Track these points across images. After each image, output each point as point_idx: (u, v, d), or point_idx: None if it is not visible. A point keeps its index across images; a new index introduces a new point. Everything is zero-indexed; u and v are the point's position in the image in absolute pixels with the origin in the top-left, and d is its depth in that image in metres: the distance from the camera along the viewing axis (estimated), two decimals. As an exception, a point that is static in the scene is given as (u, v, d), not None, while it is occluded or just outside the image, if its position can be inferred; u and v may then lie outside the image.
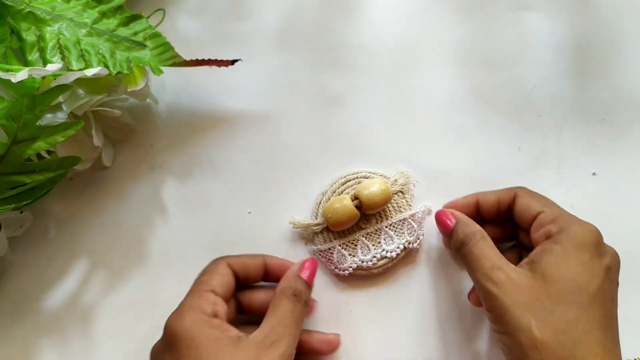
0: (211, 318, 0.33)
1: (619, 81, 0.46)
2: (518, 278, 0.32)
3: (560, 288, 0.31)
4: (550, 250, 0.33)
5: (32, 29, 0.39)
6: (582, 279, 0.31)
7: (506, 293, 0.32)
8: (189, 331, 0.32)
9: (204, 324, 0.32)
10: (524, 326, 0.31)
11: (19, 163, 0.37)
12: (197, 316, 0.33)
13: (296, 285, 0.36)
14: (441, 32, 0.48)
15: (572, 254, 0.32)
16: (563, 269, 0.32)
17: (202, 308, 0.33)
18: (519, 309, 0.31)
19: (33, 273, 0.44)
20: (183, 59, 0.40)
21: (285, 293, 0.35)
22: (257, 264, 0.38)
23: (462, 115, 0.46)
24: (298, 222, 0.43)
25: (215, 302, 0.34)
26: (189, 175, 0.46)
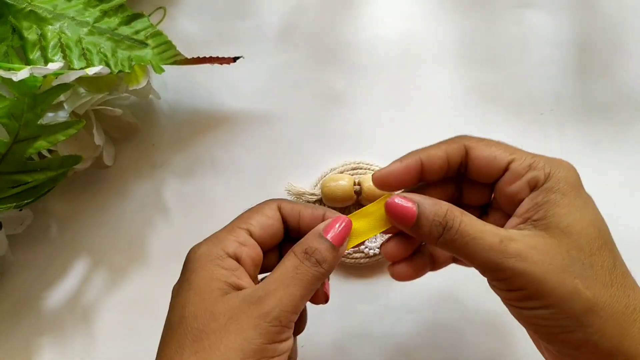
0: (227, 257, 0.29)
1: (621, 79, 0.46)
2: (537, 242, 0.27)
3: (587, 237, 0.27)
4: (553, 201, 0.28)
5: (34, 28, 0.39)
6: (597, 220, 0.28)
7: (535, 263, 0.26)
8: (197, 261, 0.29)
9: (215, 259, 0.29)
10: (570, 291, 0.26)
11: (20, 162, 0.37)
12: (213, 250, 0.29)
13: (311, 243, 0.29)
14: (443, 30, 0.48)
15: (576, 198, 0.28)
16: (578, 216, 0.28)
17: (224, 244, 0.29)
18: (557, 274, 0.26)
19: (34, 272, 0.44)
20: (184, 57, 0.40)
21: (295, 249, 0.29)
22: (314, 215, 0.31)
23: (463, 113, 0.46)
24: (293, 187, 0.43)
25: (245, 242, 0.30)
26: (191, 174, 0.46)
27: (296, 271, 0.28)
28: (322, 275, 0.29)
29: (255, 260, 0.30)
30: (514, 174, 0.29)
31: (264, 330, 0.26)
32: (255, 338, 0.26)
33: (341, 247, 0.30)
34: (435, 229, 0.28)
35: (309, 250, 0.29)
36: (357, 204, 0.43)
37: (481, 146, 0.30)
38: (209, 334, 0.26)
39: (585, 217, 0.28)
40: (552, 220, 0.28)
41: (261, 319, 0.27)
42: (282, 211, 0.31)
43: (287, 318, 0.27)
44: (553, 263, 0.27)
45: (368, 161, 0.44)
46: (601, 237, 0.28)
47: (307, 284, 0.28)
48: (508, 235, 0.27)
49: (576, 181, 0.29)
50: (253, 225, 0.30)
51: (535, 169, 0.29)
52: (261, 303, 0.27)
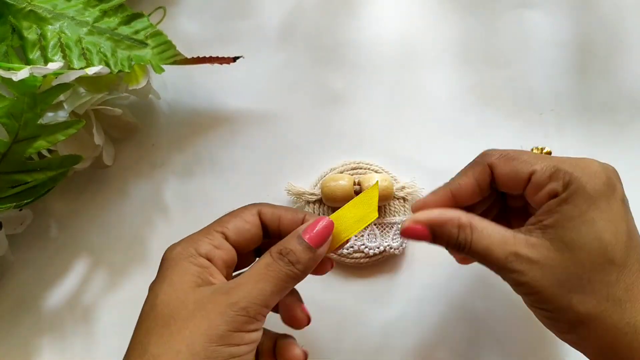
0: (199, 256, 0.30)
1: (621, 79, 0.46)
2: (539, 255, 0.29)
3: (590, 253, 0.28)
4: (563, 212, 0.29)
5: (34, 28, 0.39)
6: (608, 234, 0.28)
7: (535, 278, 0.28)
8: (171, 259, 0.30)
9: (188, 257, 0.30)
10: (564, 304, 0.28)
11: (20, 162, 0.37)
12: (186, 249, 0.30)
13: (287, 245, 0.30)
14: (443, 30, 0.47)
15: (588, 211, 0.29)
16: (584, 232, 0.28)
17: (197, 244, 0.31)
18: (553, 288, 0.28)
19: (34, 272, 0.44)
20: (184, 57, 0.40)
21: (271, 250, 0.30)
22: (294, 219, 0.33)
23: (463, 113, 0.46)
24: (293, 187, 0.43)
25: (220, 245, 0.31)
26: (191, 173, 0.46)
27: (268, 268, 0.29)
28: (295, 275, 0.30)
29: (228, 262, 0.31)
30: (535, 185, 0.31)
31: (230, 318, 0.27)
32: (221, 325, 0.27)
33: (320, 248, 0.31)
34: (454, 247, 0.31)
35: (283, 251, 0.30)
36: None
37: (502, 162, 0.32)
38: (177, 320, 0.28)
39: (593, 231, 0.28)
40: (558, 232, 0.29)
41: (228, 307, 0.28)
42: (262, 216, 0.33)
43: (254, 310, 0.28)
44: (551, 279, 0.28)
45: (368, 161, 0.44)
46: (607, 253, 0.28)
47: (278, 280, 0.29)
48: (514, 250, 0.29)
49: (596, 188, 0.29)
50: (229, 228, 0.32)
51: (554, 180, 0.30)
52: (230, 293, 0.28)
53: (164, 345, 0.27)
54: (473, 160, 0.33)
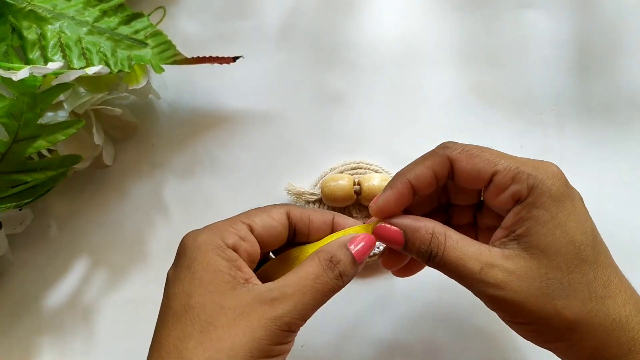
0: (227, 247, 0.29)
1: (620, 79, 0.46)
2: (516, 266, 0.28)
3: (566, 256, 0.28)
4: (535, 217, 0.28)
5: (33, 27, 0.39)
6: (578, 234, 0.28)
7: (514, 290, 0.27)
8: (197, 249, 0.29)
9: (216, 249, 0.28)
10: (550, 312, 0.27)
11: (20, 161, 0.37)
12: (212, 238, 0.29)
13: (336, 252, 0.29)
14: (442, 29, 0.48)
15: (558, 214, 0.28)
16: (558, 235, 0.28)
17: (224, 234, 0.29)
18: (535, 298, 0.27)
19: (34, 272, 0.44)
20: (184, 57, 0.40)
21: (319, 255, 0.29)
22: (324, 219, 0.32)
23: (463, 113, 0.46)
24: (293, 187, 0.43)
25: (245, 237, 0.30)
26: (190, 173, 0.46)
27: (316, 280, 0.28)
28: (339, 288, 0.29)
29: (252, 256, 0.30)
30: (498, 186, 0.29)
31: (273, 333, 0.27)
32: (264, 338, 0.26)
33: (360, 264, 0.30)
34: (421, 256, 0.30)
35: (334, 259, 0.29)
36: (357, 204, 0.43)
37: (464, 159, 0.30)
38: (217, 327, 0.26)
39: (565, 234, 0.28)
40: (532, 240, 0.28)
41: (272, 322, 0.27)
42: (291, 217, 0.31)
43: (296, 325, 0.28)
44: (531, 288, 0.28)
45: (368, 161, 0.44)
46: (580, 253, 0.28)
47: (323, 295, 0.28)
48: (489, 262, 0.28)
49: (560, 190, 0.29)
50: (255, 222, 0.30)
51: (518, 182, 0.29)
52: (274, 305, 0.27)
53: (203, 353, 0.26)
54: (432, 150, 0.31)
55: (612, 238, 0.36)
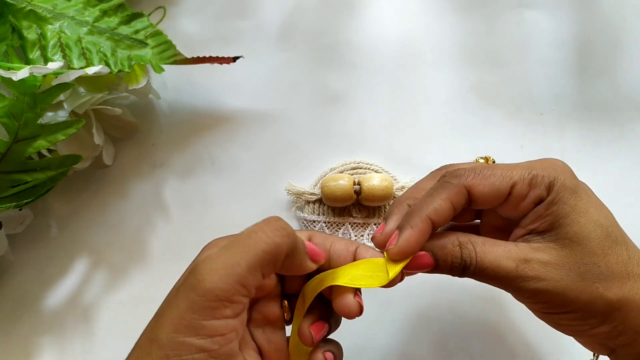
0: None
1: (620, 79, 0.46)
2: (550, 257, 0.28)
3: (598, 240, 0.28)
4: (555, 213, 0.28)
5: (34, 27, 0.39)
6: (602, 218, 0.29)
7: (553, 279, 0.27)
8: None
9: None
10: (593, 296, 0.27)
11: (20, 161, 0.37)
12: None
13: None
14: (443, 29, 0.48)
15: (577, 203, 0.28)
16: (584, 222, 0.28)
17: None
18: (577, 284, 0.27)
19: (34, 271, 0.44)
20: (184, 56, 0.40)
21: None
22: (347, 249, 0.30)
23: (464, 113, 0.46)
24: (293, 187, 0.43)
25: None
26: (191, 173, 0.46)
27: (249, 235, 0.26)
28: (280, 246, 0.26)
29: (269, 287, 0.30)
30: (517, 196, 0.29)
31: (195, 302, 0.24)
32: (186, 310, 0.24)
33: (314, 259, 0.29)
34: (456, 270, 0.29)
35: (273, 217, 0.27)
36: (357, 204, 0.43)
37: (480, 182, 0.29)
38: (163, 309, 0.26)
39: (590, 220, 0.28)
40: (559, 232, 0.28)
41: (193, 290, 0.24)
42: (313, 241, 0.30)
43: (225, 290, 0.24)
44: (571, 274, 0.28)
45: (368, 161, 0.44)
46: (610, 235, 0.28)
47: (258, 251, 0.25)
48: (522, 257, 0.28)
49: (573, 181, 0.29)
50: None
51: (535, 186, 0.29)
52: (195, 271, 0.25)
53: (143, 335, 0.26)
54: (443, 180, 0.30)
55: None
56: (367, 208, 0.43)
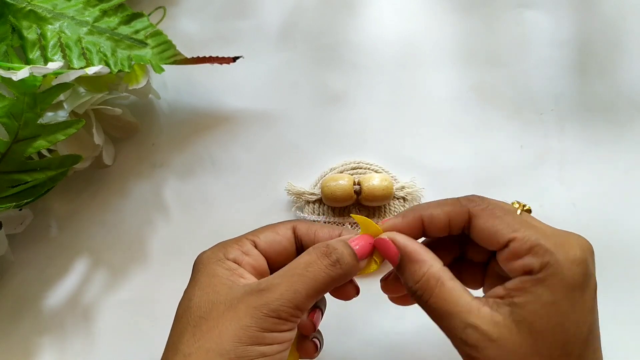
0: (227, 260, 0.30)
1: (620, 79, 0.46)
2: (499, 335, 0.27)
3: (551, 344, 0.27)
4: (538, 295, 0.27)
5: (33, 27, 0.39)
6: (574, 327, 0.27)
7: (488, 357, 0.27)
8: (200, 263, 0.30)
9: (217, 261, 0.30)
10: None
11: (20, 161, 0.37)
12: (215, 254, 0.30)
13: (334, 244, 0.29)
14: (443, 29, 0.48)
15: (563, 301, 0.27)
16: (554, 322, 0.27)
17: (226, 250, 0.30)
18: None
19: (34, 271, 0.44)
20: (184, 56, 0.40)
21: (315, 246, 0.29)
22: (330, 235, 0.32)
23: (463, 113, 0.46)
24: (293, 187, 0.43)
25: (248, 252, 0.31)
26: (191, 173, 0.46)
27: (307, 268, 0.28)
28: (337, 277, 0.29)
29: (258, 270, 0.31)
30: (512, 253, 0.28)
31: (260, 319, 0.27)
32: (251, 325, 0.27)
33: (361, 262, 0.30)
34: (409, 289, 0.29)
35: (329, 248, 0.29)
36: (357, 204, 0.43)
37: (485, 216, 0.29)
38: (208, 320, 0.28)
39: (561, 324, 0.27)
40: (526, 315, 0.27)
41: (258, 309, 0.27)
42: (297, 231, 0.32)
43: (286, 312, 0.27)
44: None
45: (368, 161, 0.44)
46: (567, 346, 0.27)
47: (316, 282, 0.28)
48: (474, 323, 0.27)
49: (575, 278, 0.27)
50: (259, 238, 0.31)
51: (534, 255, 0.27)
52: (261, 294, 0.28)
53: (195, 344, 0.27)
54: (456, 198, 0.31)
55: (612, 238, 0.36)
56: (367, 208, 0.43)
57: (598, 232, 0.42)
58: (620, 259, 0.41)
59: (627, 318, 0.40)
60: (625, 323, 0.39)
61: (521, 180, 0.43)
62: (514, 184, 0.44)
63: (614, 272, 0.41)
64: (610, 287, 0.41)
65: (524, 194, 0.43)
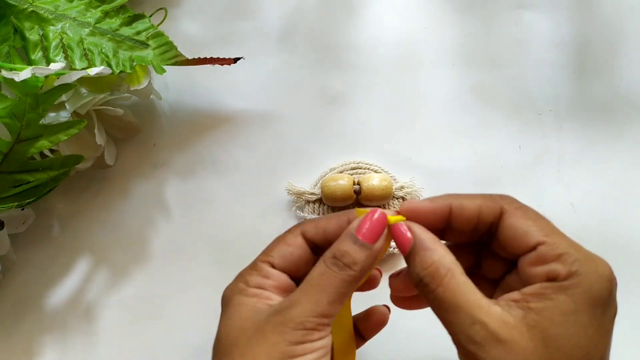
0: (249, 288, 0.30)
1: (618, 79, 0.46)
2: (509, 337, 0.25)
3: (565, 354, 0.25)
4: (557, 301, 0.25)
5: (36, 28, 0.40)
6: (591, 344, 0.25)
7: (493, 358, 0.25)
8: (225, 299, 0.30)
9: (239, 292, 0.30)
10: None
11: (22, 161, 0.38)
12: (236, 286, 0.30)
13: (341, 246, 0.29)
14: (442, 30, 0.48)
15: (584, 313, 0.25)
16: (571, 333, 0.25)
17: (246, 279, 0.30)
18: None
19: (36, 271, 0.44)
20: (185, 57, 0.41)
21: (324, 255, 0.29)
22: (339, 224, 0.31)
23: (462, 113, 0.46)
24: (293, 187, 0.43)
25: (268, 274, 0.30)
26: (192, 173, 0.46)
27: (321, 278, 0.28)
28: (353, 278, 0.28)
29: (283, 288, 0.30)
30: (540, 257, 0.27)
31: (288, 335, 0.27)
32: (280, 342, 0.27)
33: (376, 244, 0.29)
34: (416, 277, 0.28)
35: (337, 254, 0.28)
36: (356, 204, 0.43)
37: (517, 214, 0.28)
38: (238, 347, 0.28)
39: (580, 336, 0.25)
40: (542, 321, 0.25)
41: (283, 325, 0.27)
42: (305, 234, 0.31)
43: (312, 322, 0.27)
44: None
45: (368, 161, 0.44)
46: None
47: (334, 288, 0.28)
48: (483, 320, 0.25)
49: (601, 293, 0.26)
50: (273, 257, 0.31)
51: (561, 262, 0.26)
52: (284, 312, 0.28)
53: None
54: (488, 194, 0.29)
55: (612, 238, 0.36)
56: (367, 208, 0.43)
57: (596, 232, 0.42)
58: (619, 259, 0.41)
59: (627, 318, 0.40)
60: (625, 323, 0.40)
61: (519, 180, 0.44)
62: (512, 184, 0.44)
63: (612, 271, 0.41)
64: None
65: (522, 194, 0.43)
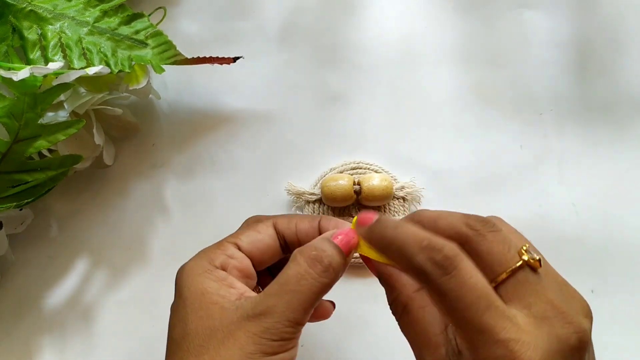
0: (215, 268, 0.29)
1: (620, 79, 0.46)
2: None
3: None
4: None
5: (34, 28, 0.40)
6: None
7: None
8: (186, 275, 0.29)
9: (203, 272, 0.29)
10: None
11: (21, 161, 0.38)
12: (200, 263, 0.29)
13: (321, 246, 0.28)
14: (443, 30, 0.48)
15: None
16: None
17: (210, 257, 0.29)
18: None
19: (34, 271, 0.44)
20: (184, 57, 0.40)
21: (303, 252, 0.28)
22: (311, 225, 0.31)
23: (463, 113, 0.46)
24: (293, 187, 0.43)
25: (233, 255, 0.30)
26: (191, 173, 0.46)
27: (300, 282, 0.27)
28: (328, 285, 0.28)
29: (244, 272, 0.30)
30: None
31: (264, 345, 0.27)
32: (255, 352, 0.26)
33: (347, 257, 0.29)
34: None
35: (317, 256, 0.28)
36: (357, 204, 0.43)
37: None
38: (209, 349, 0.27)
39: None
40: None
41: (260, 336, 0.26)
42: (277, 227, 0.31)
43: (289, 333, 0.27)
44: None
45: (368, 161, 0.44)
46: None
47: (312, 294, 0.27)
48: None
49: None
50: (241, 239, 0.31)
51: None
52: (260, 320, 0.27)
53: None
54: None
55: (611, 238, 0.36)
56: (367, 208, 0.43)
57: (597, 232, 0.42)
58: (620, 259, 0.42)
59: (627, 318, 0.40)
60: (625, 323, 0.40)
61: (521, 180, 0.44)
62: (513, 183, 0.44)
63: (613, 272, 0.41)
64: (610, 287, 0.41)
65: (523, 194, 0.43)
